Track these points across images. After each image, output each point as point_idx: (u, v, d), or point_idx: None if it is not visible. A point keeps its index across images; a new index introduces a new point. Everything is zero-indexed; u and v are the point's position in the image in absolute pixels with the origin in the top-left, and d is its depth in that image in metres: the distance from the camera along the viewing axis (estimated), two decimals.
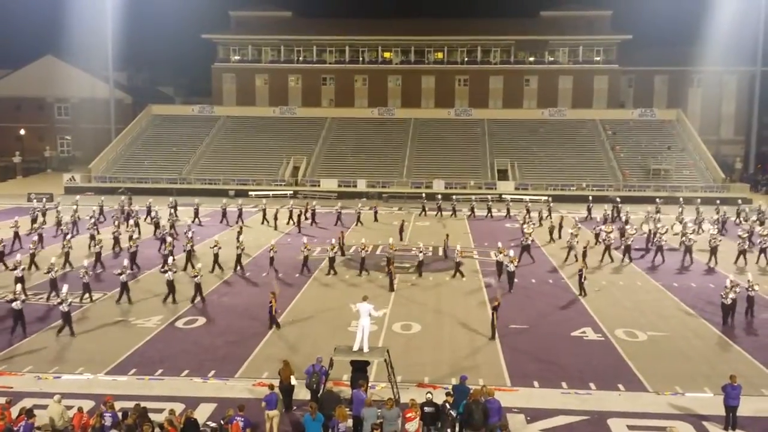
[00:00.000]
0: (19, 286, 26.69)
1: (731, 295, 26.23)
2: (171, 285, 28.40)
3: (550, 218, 47.64)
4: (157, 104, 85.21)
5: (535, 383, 20.57)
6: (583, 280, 30.26)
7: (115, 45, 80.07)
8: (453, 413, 16.50)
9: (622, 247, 37.70)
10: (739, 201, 53.68)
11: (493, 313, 24.66)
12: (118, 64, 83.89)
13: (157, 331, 25.10)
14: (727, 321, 26.35)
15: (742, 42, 76.06)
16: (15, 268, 29.09)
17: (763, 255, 37.17)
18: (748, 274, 29.33)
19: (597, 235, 40.86)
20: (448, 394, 16.86)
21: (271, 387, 17.73)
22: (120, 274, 28.70)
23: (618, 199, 54.13)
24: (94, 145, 77.31)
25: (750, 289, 26.95)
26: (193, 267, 31.15)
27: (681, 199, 53.36)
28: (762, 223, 46.93)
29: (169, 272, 28.57)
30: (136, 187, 63.12)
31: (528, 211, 48.54)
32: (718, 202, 53.05)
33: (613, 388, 20.27)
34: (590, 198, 53.87)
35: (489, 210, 52.73)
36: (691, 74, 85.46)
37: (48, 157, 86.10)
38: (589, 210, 51.25)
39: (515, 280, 31.55)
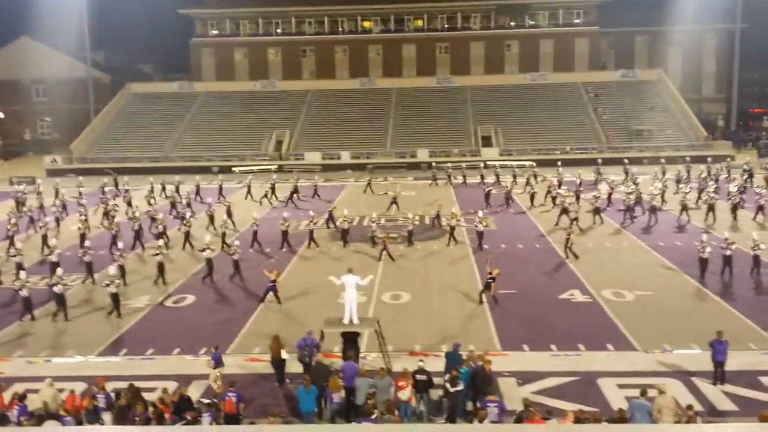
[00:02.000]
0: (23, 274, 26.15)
1: (708, 249, 26.66)
2: (161, 266, 28.29)
3: (535, 183, 47.55)
4: (135, 82, 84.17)
5: (525, 347, 20.78)
6: (569, 245, 30.45)
7: (90, 24, 78.78)
8: (460, 386, 16.36)
9: (593, 208, 37.80)
10: (728, 159, 54.01)
11: (485, 284, 24.64)
12: (94, 43, 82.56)
13: (146, 311, 25.08)
14: (704, 275, 26.79)
15: None
16: (15, 255, 28.87)
17: (760, 212, 37.28)
18: (725, 232, 29.52)
19: (577, 197, 41.27)
20: (453, 375, 16.44)
21: (216, 347, 18.59)
22: (117, 257, 28.46)
23: (599, 161, 54.06)
24: (74, 126, 76.39)
25: (726, 248, 27.02)
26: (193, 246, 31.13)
27: (687, 158, 53.38)
28: (751, 177, 47.28)
29: (160, 254, 28.43)
30: (118, 167, 62.54)
31: (515, 177, 48.59)
32: (710, 159, 52.74)
33: (601, 348, 20.52)
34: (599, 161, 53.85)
35: (464, 178, 52.25)
36: (670, 33, 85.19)
37: (29, 140, 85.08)
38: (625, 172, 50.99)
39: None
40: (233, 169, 62.50)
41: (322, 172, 58.81)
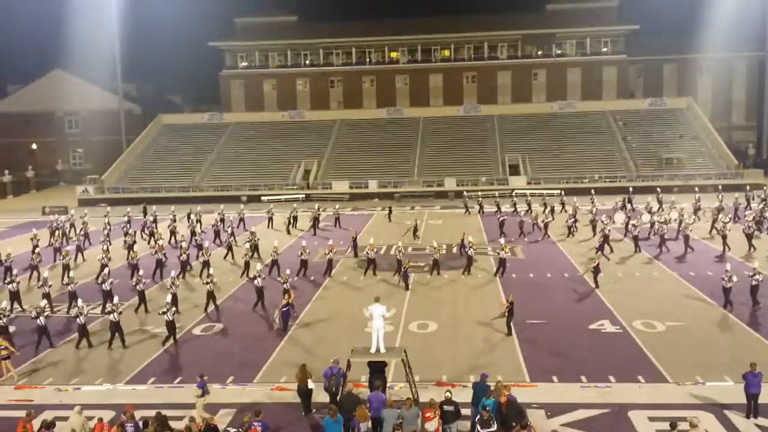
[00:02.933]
0: (82, 301, 26.33)
1: (734, 278, 26.33)
2: (174, 297, 28.45)
3: (565, 211, 47.37)
4: (166, 113, 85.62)
5: (554, 378, 20.48)
6: (597, 273, 30.19)
7: (122, 56, 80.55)
8: (493, 426, 15.93)
9: (631, 236, 37.75)
10: (747, 187, 53.30)
11: (506, 314, 24.46)
12: (126, 75, 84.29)
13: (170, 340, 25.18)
14: (727, 305, 26.49)
15: (750, 26, 75.67)
16: (43, 284, 29.12)
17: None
18: (755, 261, 29.02)
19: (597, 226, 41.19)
20: (485, 418, 15.82)
21: (201, 376, 18.72)
22: (136, 284, 28.84)
23: (631, 189, 53.83)
24: (106, 156, 77.77)
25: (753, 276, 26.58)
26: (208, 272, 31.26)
27: (696, 188, 53.27)
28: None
29: (173, 286, 28.59)
30: (149, 197, 63.35)
31: (545, 206, 48.39)
32: (748, 188, 52.73)
33: (632, 380, 20.16)
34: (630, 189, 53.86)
35: (498, 206, 52.18)
36: (699, 61, 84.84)
37: (60, 170, 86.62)
38: (629, 200, 51.13)
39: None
40: (261, 198, 62.96)
41: (349, 200, 58.98)
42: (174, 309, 25.09)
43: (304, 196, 64.03)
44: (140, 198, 61.79)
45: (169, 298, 25.58)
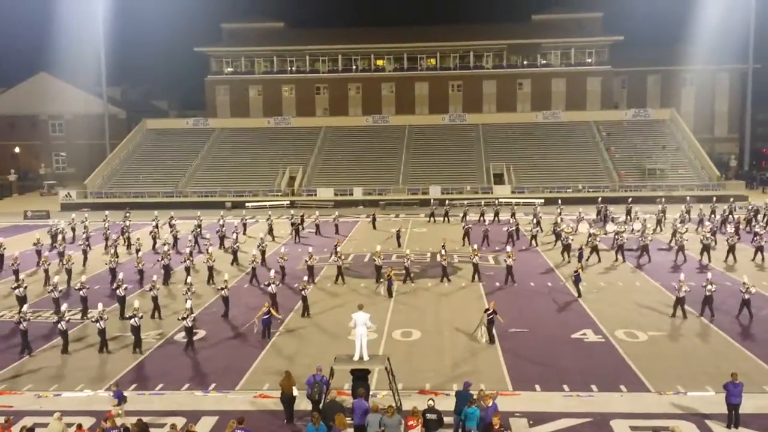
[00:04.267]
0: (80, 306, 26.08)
1: (684, 288, 26.84)
2: (155, 301, 28.37)
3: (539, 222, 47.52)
4: (151, 118, 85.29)
5: (537, 387, 20.53)
6: (578, 282, 30.36)
7: (107, 60, 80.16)
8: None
9: (616, 246, 37.98)
10: (731, 199, 53.76)
11: (488, 321, 24.52)
12: (111, 79, 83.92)
13: (156, 345, 25.03)
14: (704, 312, 26.91)
15: (733, 40, 76.51)
16: (54, 289, 28.93)
17: (759, 252, 37.23)
18: (744, 276, 29.25)
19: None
20: None
21: (117, 385, 18.82)
22: (116, 288, 28.70)
23: (600, 201, 54.20)
24: (90, 161, 77.29)
25: (746, 291, 26.73)
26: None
27: (688, 197, 53.98)
28: (750, 221, 47.12)
29: (154, 290, 28.45)
30: (132, 202, 63.06)
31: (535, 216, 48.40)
32: (714, 199, 53.23)
33: (615, 389, 20.24)
34: (600, 199, 54.27)
35: (482, 215, 52.26)
36: (683, 73, 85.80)
37: (43, 174, 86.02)
38: (599, 211, 51.35)
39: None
40: (246, 204, 62.78)
41: (334, 207, 58.82)
42: (193, 315, 24.85)
43: (288, 202, 63.91)
44: (123, 203, 61.44)
45: (189, 304, 25.41)
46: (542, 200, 59.11)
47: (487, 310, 24.73)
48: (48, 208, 61.13)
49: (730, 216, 48.22)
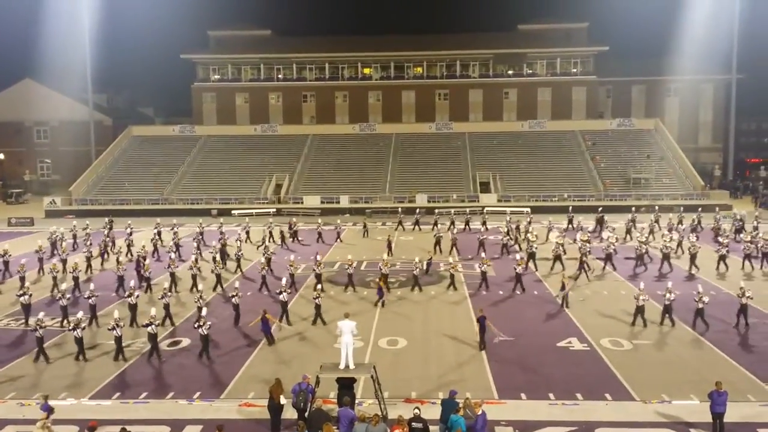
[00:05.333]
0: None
1: (670, 296, 27.01)
2: (133, 308, 28.15)
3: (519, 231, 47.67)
4: (137, 125, 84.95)
5: (523, 395, 20.56)
6: (566, 292, 30.42)
7: (93, 67, 79.96)
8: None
9: (604, 255, 38.14)
10: (716, 209, 54.08)
11: (478, 326, 24.66)
12: (97, 86, 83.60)
13: (140, 353, 24.85)
14: (696, 324, 26.98)
15: (717, 50, 77.24)
16: (61, 297, 28.56)
17: (747, 260, 37.55)
18: (741, 282, 29.50)
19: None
20: None
21: (46, 398, 18.43)
22: (128, 296, 28.58)
23: (570, 209, 54.39)
24: (75, 168, 76.84)
25: (743, 296, 26.95)
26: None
27: (656, 207, 54.27)
28: (739, 231, 47.55)
29: (132, 297, 28.30)
30: (117, 209, 62.74)
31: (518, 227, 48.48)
32: (699, 209, 53.59)
33: (600, 398, 20.30)
34: (570, 208, 54.38)
35: (467, 223, 52.38)
36: (667, 83, 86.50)
37: (28, 181, 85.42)
38: (569, 221, 51.50)
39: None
40: (232, 212, 62.60)
41: (320, 215, 58.78)
42: (209, 323, 24.67)
43: (275, 210, 63.81)
44: (108, 210, 61.13)
45: (204, 311, 25.25)
46: (528, 209, 59.28)
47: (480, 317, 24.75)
48: (32, 215, 60.70)
49: (699, 226, 48.59)
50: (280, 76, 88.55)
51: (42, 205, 66.98)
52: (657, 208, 54.19)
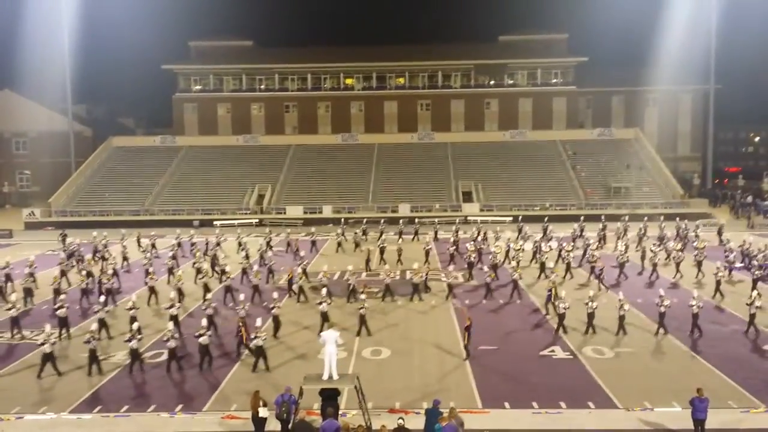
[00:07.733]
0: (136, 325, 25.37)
1: (666, 303, 27.28)
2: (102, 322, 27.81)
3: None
4: (118, 136, 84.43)
5: (506, 404, 20.58)
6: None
7: (73, 78, 79.43)
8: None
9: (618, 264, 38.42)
10: (698, 219, 54.46)
11: (464, 334, 24.72)
12: (76, 96, 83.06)
13: (121, 366, 24.61)
14: (666, 329, 27.38)
15: (695, 61, 78.17)
16: (60, 308, 28.15)
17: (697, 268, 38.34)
18: (694, 291, 29.83)
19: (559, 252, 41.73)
20: None
21: None
22: (58, 308, 28.15)
23: (546, 219, 54.64)
24: (54, 179, 76.14)
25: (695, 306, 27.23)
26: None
27: (625, 217, 54.27)
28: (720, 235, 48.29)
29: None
30: (98, 221, 62.25)
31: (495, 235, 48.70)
32: (680, 218, 54.06)
33: (583, 406, 20.37)
34: (546, 218, 54.64)
35: (435, 233, 52.31)
36: (647, 93, 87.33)
37: (7, 193, 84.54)
38: (544, 230, 51.49)
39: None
40: (214, 222, 62.25)
41: (303, 225, 58.60)
42: (211, 333, 24.41)
43: (257, 220, 63.60)
44: (88, 222, 60.67)
45: (204, 321, 25.05)
46: (511, 218, 59.59)
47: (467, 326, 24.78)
48: (11, 227, 60.08)
49: (684, 236, 49.11)
50: (262, 86, 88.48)
51: (21, 217, 66.30)
52: (646, 218, 53.97)
